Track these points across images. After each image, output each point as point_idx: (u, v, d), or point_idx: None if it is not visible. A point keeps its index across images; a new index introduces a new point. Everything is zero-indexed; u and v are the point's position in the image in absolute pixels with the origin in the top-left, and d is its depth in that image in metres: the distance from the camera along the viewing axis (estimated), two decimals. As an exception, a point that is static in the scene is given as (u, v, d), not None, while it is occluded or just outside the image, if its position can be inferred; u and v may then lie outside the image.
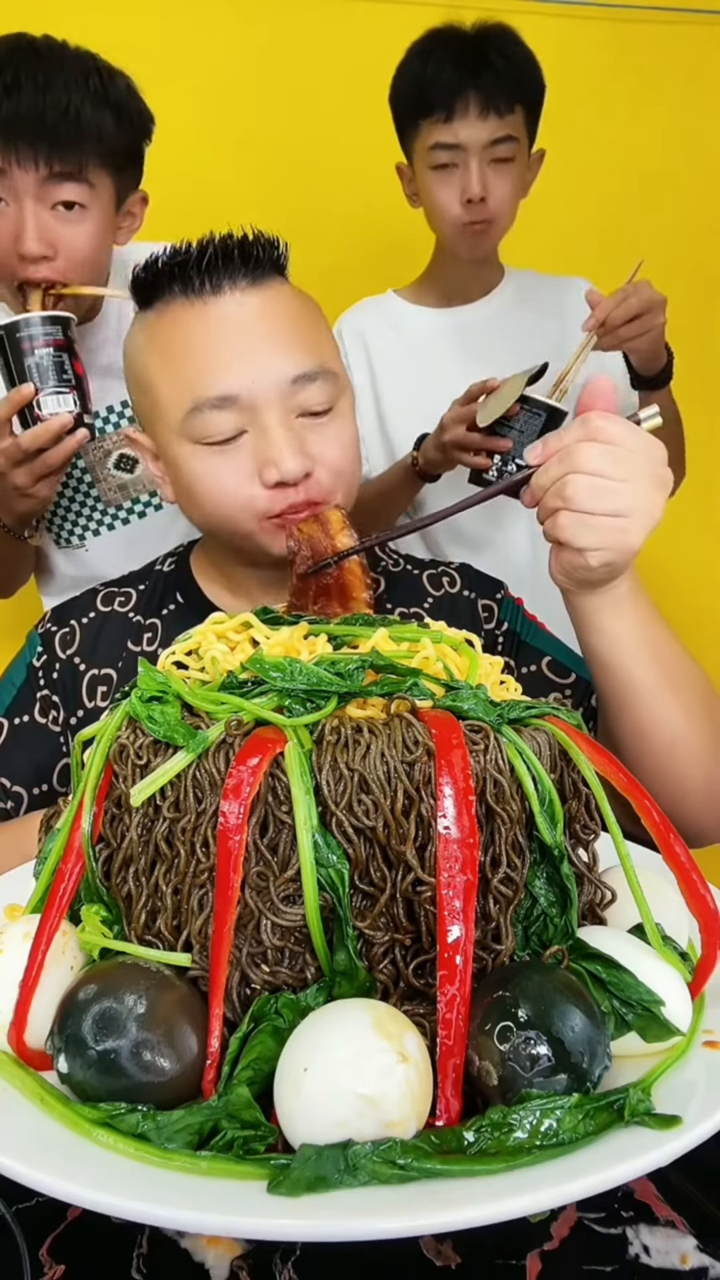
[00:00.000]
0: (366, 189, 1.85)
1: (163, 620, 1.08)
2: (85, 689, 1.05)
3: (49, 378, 1.21)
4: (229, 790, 0.57)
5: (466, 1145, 0.51)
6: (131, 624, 1.08)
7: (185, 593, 1.09)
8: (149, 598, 1.10)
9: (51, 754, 1.05)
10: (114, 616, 1.09)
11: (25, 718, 1.06)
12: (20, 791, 1.03)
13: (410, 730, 0.59)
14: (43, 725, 1.05)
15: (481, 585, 1.12)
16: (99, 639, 1.07)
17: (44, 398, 1.21)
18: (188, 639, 0.73)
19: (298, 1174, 0.48)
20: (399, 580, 1.11)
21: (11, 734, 1.05)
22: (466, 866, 0.55)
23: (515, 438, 1.42)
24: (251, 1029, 0.56)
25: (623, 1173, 0.49)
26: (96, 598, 1.11)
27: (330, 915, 0.57)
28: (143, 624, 1.08)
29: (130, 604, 1.10)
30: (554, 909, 0.61)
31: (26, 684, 1.07)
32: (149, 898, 0.61)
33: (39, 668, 1.07)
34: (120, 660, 1.06)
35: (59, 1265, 0.56)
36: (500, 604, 1.11)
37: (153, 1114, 0.52)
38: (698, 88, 2.18)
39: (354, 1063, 0.50)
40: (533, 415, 1.41)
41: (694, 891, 0.61)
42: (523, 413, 1.41)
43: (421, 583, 1.11)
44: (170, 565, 1.14)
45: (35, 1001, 0.59)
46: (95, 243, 1.29)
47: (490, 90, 1.47)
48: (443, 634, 0.72)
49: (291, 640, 0.70)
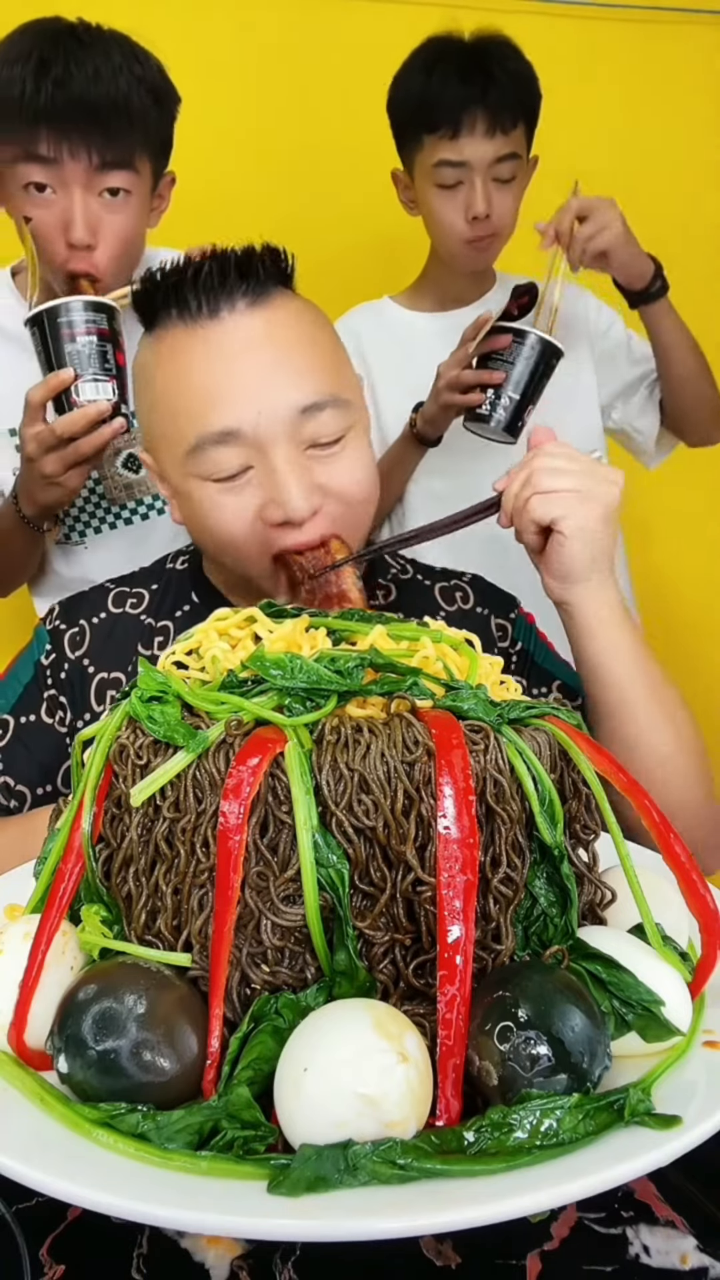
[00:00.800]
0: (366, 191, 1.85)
1: (175, 623, 1.05)
2: (94, 692, 1.03)
3: (89, 364, 1.19)
4: (229, 790, 0.57)
5: (466, 1145, 0.51)
6: (143, 626, 1.05)
7: (200, 593, 1.07)
8: (161, 599, 1.07)
9: (57, 754, 1.02)
10: (125, 618, 1.06)
11: (31, 717, 1.04)
12: (24, 791, 1.01)
13: (410, 730, 0.59)
14: (49, 725, 1.03)
15: (496, 602, 1.12)
16: (109, 641, 1.05)
17: (82, 384, 1.18)
18: (189, 638, 0.73)
19: (298, 1174, 0.48)
20: (409, 588, 1.10)
21: (17, 733, 1.03)
22: (466, 866, 0.55)
23: (508, 370, 1.41)
24: (251, 1029, 0.56)
25: (623, 1173, 0.49)
26: (107, 597, 1.08)
27: (330, 915, 0.57)
28: (154, 627, 1.05)
29: (142, 606, 1.07)
30: (554, 909, 0.61)
31: (34, 682, 1.05)
32: (149, 898, 0.61)
33: (47, 666, 1.05)
34: (130, 664, 1.03)
35: (59, 1265, 0.56)
36: (514, 623, 1.10)
37: (153, 1114, 0.52)
38: (698, 88, 2.18)
39: (354, 1063, 0.50)
40: (525, 347, 1.41)
41: (694, 891, 0.61)
42: (515, 344, 1.41)
43: (433, 595, 1.10)
44: (183, 564, 1.11)
45: (35, 1001, 0.59)
46: (136, 228, 1.31)
47: (495, 108, 1.48)
48: (442, 633, 0.72)
49: (293, 634, 0.70)
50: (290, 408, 0.90)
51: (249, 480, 0.91)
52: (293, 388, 0.90)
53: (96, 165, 1.22)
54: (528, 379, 1.42)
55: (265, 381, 0.90)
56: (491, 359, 1.42)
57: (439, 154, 1.51)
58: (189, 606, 1.06)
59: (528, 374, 1.41)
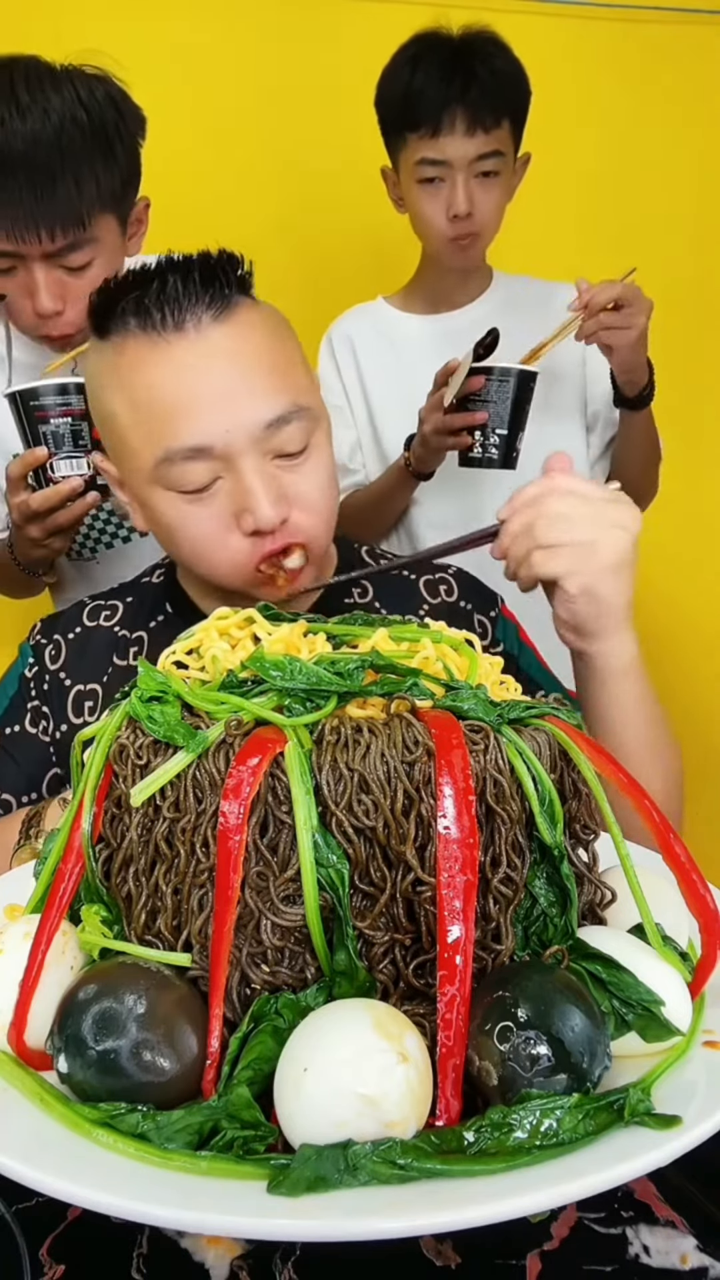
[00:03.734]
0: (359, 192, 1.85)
1: (149, 632, 1.06)
2: (71, 705, 1.05)
3: (63, 444, 1.23)
4: (229, 790, 0.57)
5: (466, 1145, 0.51)
6: (117, 638, 1.07)
7: (174, 603, 1.08)
8: (136, 610, 1.09)
9: (41, 764, 1.04)
10: (99, 631, 1.07)
11: (16, 727, 1.06)
12: (10, 800, 1.03)
13: (410, 730, 0.59)
14: (33, 735, 1.05)
15: (479, 597, 1.11)
16: (84, 654, 1.06)
17: (57, 461, 1.23)
18: (189, 637, 0.73)
19: (298, 1174, 0.48)
20: (388, 584, 1.09)
21: (2, 743, 1.06)
22: (466, 866, 0.55)
23: (490, 409, 1.44)
24: (251, 1029, 0.56)
25: (623, 1173, 0.49)
26: (83, 612, 1.10)
27: (330, 915, 0.57)
28: (129, 637, 1.07)
29: (116, 618, 1.08)
30: (554, 909, 0.61)
31: (19, 694, 1.07)
32: (149, 898, 0.61)
33: (30, 679, 1.07)
34: (105, 675, 1.05)
35: (59, 1265, 0.56)
36: (495, 622, 1.10)
37: (153, 1114, 0.52)
38: (698, 88, 2.18)
39: (354, 1063, 0.50)
40: (500, 382, 1.43)
41: (694, 891, 0.61)
42: (490, 382, 1.43)
43: (418, 588, 1.10)
44: (159, 577, 1.12)
45: (35, 1001, 0.59)
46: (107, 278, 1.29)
47: (476, 105, 1.47)
48: (443, 634, 0.72)
49: (291, 638, 0.70)
50: (257, 423, 0.90)
51: (217, 491, 0.92)
52: (260, 402, 0.90)
53: (54, 245, 1.21)
54: (510, 412, 1.45)
55: (232, 397, 0.90)
56: (470, 401, 1.45)
57: (420, 152, 1.51)
58: (163, 617, 1.07)
59: (509, 407, 1.44)
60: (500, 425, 1.44)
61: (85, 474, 1.23)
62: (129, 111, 1.26)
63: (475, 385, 1.43)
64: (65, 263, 1.23)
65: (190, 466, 0.90)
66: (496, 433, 1.44)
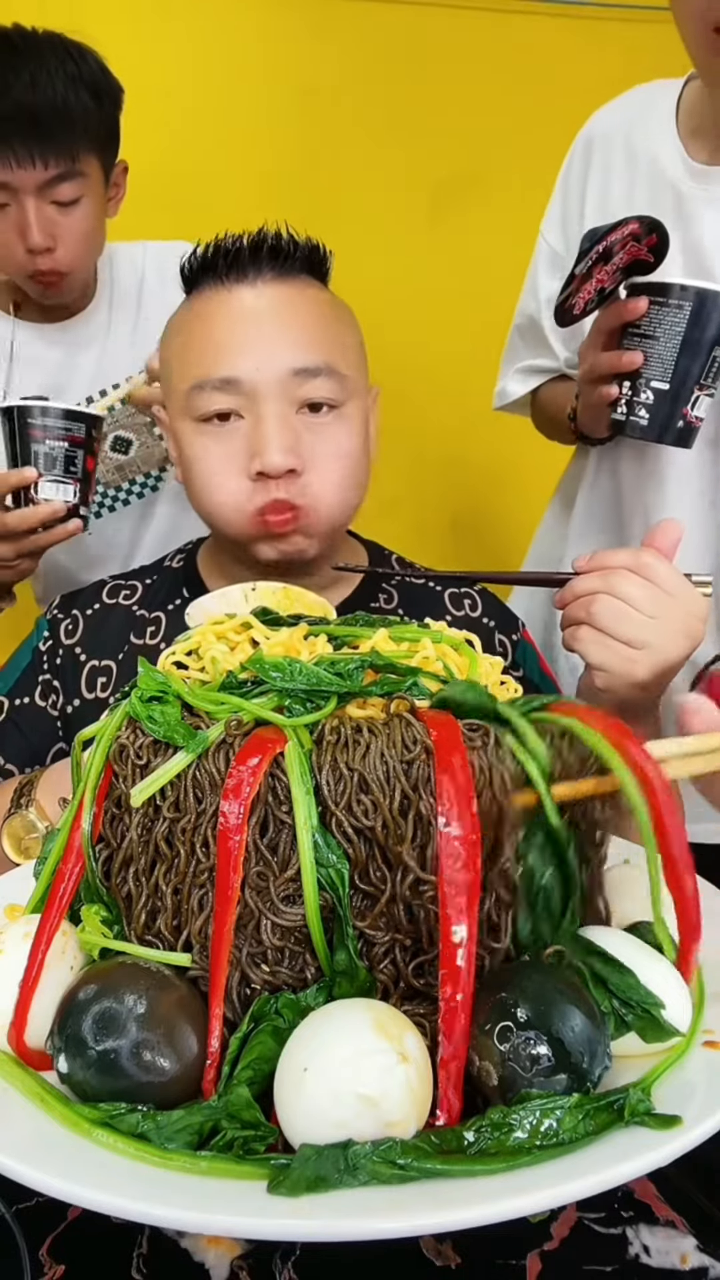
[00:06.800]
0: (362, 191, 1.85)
1: (167, 614, 1.08)
2: (85, 680, 1.06)
3: (54, 467, 1.20)
4: (229, 790, 0.57)
5: (466, 1145, 0.50)
6: (135, 617, 1.09)
7: (191, 588, 1.09)
8: (155, 591, 1.11)
9: (47, 737, 1.06)
10: (118, 609, 1.10)
11: (26, 699, 1.08)
12: (13, 770, 1.04)
13: (409, 730, 0.59)
14: (42, 709, 1.07)
15: (502, 617, 1.12)
16: (101, 630, 1.08)
17: (43, 483, 1.20)
18: (187, 639, 0.73)
19: (298, 1174, 0.48)
20: (414, 593, 1.11)
21: (11, 714, 1.07)
22: (468, 864, 0.55)
23: (649, 347, 0.99)
24: (251, 1029, 0.56)
25: (623, 1173, 0.49)
26: (103, 590, 1.12)
27: (330, 915, 0.57)
28: (146, 617, 1.08)
29: (135, 597, 1.10)
30: (555, 894, 0.61)
31: (31, 666, 1.09)
32: (149, 898, 0.61)
33: (44, 652, 1.09)
34: (121, 653, 1.06)
35: (59, 1265, 0.56)
36: (516, 645, 1.10)
37: (153, 1114, 0.52)
38: (697, 87, 2.18)
39: (354, 1063, 0.50)
40: (676, 307, 0.97)
41: (673, 870, 0.58)
42: (653, 308, 0.98)
43: (443, 600, 1.11)
44: (179, 561, 1.14)
45: (35, 1001, 0.59)
46: (94, 224, 1.35)
47: None
48: (443, 634, 0.72)
49: (291, 640, 0.70)
50: (285, 367, 0.94)
51: (236, 428, 0.96)
52: (294, 351, 0.95)
53: (45, 172, 1.25)
54: (679, 355, 0.98)
55: (269, 341, 0.95)
56: (627, 336, 1.01)
57: None
58: (180, 600, 1.09)
59: (678, 349, 0.98)
60: (661, 376, 0.99)
61: (70, 500, 1.21)
62: (111, 77, 1.33)
63: (634, 310, 0.99)
64: (56, 195, 1.28)
65: (215, 395, 0.95)
66: (651, 385, 1.00)
